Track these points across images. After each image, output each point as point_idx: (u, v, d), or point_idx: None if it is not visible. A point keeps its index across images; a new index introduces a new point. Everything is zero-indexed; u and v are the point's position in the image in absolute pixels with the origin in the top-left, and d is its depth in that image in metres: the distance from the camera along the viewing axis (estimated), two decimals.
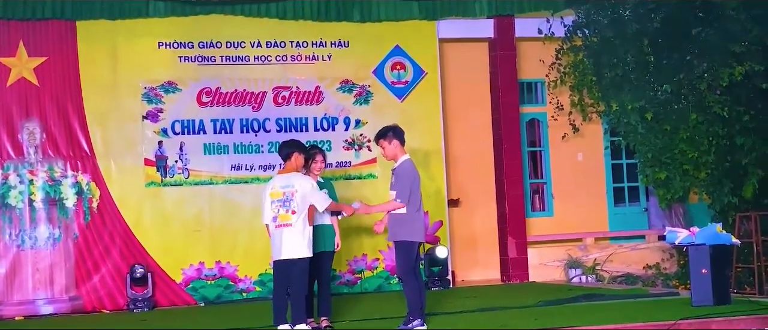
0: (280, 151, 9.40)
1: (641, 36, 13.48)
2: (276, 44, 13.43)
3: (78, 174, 12.60)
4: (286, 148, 9.33)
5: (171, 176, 12.95)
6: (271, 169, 13.17)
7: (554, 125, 14.75)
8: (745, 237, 12.50)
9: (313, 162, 9.51)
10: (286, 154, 9.28)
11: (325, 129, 13.49)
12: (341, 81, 13.59)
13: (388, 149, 9.15)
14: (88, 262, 12.54)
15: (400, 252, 9.07)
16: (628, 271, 14.31)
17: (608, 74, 13.79)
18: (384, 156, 9.31)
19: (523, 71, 14.72)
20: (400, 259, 9.09)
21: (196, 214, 12.98)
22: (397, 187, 9.01)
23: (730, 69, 12.96)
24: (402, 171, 9.07)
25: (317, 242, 9.34)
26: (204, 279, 12.88)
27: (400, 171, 9.08)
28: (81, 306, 12.42)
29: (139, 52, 12.95)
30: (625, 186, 15.43)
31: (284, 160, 9.30)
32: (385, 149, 9.18)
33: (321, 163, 9.58)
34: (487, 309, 10.59)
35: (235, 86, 13.25)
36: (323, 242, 9.49)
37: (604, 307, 10.55)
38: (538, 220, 14.95)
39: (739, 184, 13.42)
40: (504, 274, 14.27)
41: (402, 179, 9.02)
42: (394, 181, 9.05)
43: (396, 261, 9.19)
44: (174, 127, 13.01)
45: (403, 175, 9.04)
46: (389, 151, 9.15)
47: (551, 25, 14.25)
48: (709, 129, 13.33)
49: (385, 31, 13.77)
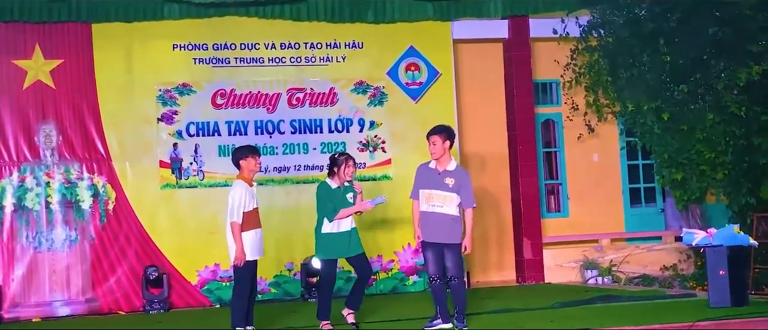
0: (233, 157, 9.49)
1: (657, 35, 13.41)
2: (290, 46, 13.44)
3: (94, 176, 12.64)
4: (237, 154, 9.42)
5: (186, 178, 12.98)
6: (285, 171, 13.20)
7: (569, 126, 14.70)
8: (763, 237, 12.41)
9: (346, 167, 9.55)
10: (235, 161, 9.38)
11: (339, 130, 13.49)
12: (355, 82, 13.59)
13: (440, 147, 9.17)
14: (104, 263, 12.57)
15: (458, 253, 9.17)
16: (645, 272, 14.25)
17: (624, 74, 13.73)
18: (432, 152, 9.23)
19: (538, 72, 14.67)
20: (458, 258, 9.17)
21: (211, 216, 12.95)
22: (467, 192, 9.14)
23: (747, 69, 12.88)
24: (465, 175, 9.24)
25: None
26: (219, 281, 12.89)
27: (464, 175, 9.22)
28: (97, 308, 12.46)
29: (153, 55, 12.98)
30: (641, 187, 15.37)
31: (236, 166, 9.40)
32: (436, 145, 9.17)
33: (353, 168, 9.62)
34: (503, 310, 10.57)
35: (250, 88, 13.26)
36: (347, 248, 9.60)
37: (620, 308, 10.52)
38: (554, 221, 14.91)
39: (756, 185, 13.33)
40: (519, 275, 14.24)
41: (469, 183, 9.20)
42: (457, 184, 9.11)
43: (452, 261, 9.14)
44: (189, 129, 13.03)
45: (468, 179, 9.23)
46: (440, 149, 9.17)
47: (566, 25, 14.20)
48: (726, 129, 13.26)
49: (399, 32, 13.75)
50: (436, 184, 9.13)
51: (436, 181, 9.14)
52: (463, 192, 9.14)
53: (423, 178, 9.26)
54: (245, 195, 9.12)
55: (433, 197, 9.14)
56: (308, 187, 13.21)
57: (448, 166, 9.19)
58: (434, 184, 9.14)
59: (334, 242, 9.51)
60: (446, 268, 9.16)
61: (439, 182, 9.13)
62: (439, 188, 9.11)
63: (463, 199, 9.14)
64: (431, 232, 9.14)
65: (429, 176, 9.21)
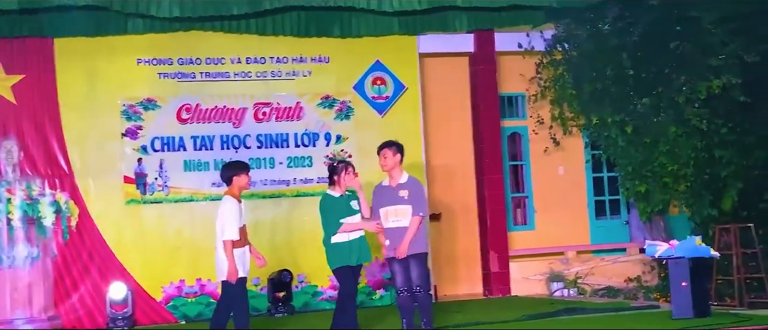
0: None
1: (620, 50, 13.52)
2: (256, 60, 13.40)
3: (56, 192, 12.51)
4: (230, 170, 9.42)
5: (151, 194, 12.88)
6: (251, 185, 13.05)
7: (535, 139, 14.77)
8: (724, 249, 12.53)
9: (345, 174, 9.55)
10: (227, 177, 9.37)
11: (305, 145, 13.47)
12: (322, 97, 13.57)
13: (390, 160, 9.36)
14: (67, 281, 12.44)
15: (422, 264, 9.31)
16: (610, 284, 14.31)
17: (588, 88, 13.83)
18: (382, 164, 9.41)
19: (504, 85, 14.74)
20: (424, 270, 9.32)
21: (177, 232, 12.91)
22: (419, 201, 9.29)
23: (707, 82, 13.01)
24: (417, 184, 9.42)
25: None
26: (185, 297, 12.80)
27: (416, 184, 9.40)
28: (59, 325, 12.32)
29: (117, 70, 12.88)
30: (606, 199, 15.46)
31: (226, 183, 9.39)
32: (387, 159, 9.37)
33: (352, 174, 9.62)
34: (470, 324, 10.57)
35: (215, 103, 13.21)
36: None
37: (586, 320, 10.56)
38: (520, 234, 14.95)
39: (718, 197, 13.46)
40: (486, 288, 14.26)
41: (421, 192, 9.39)
42: (412, 195, 9.26)
43: (418, 273, 9.25)
44: (154, 144, 12.95)
45: (420, 188, 9.41)
46: (391, 162, 9.35)
47: (531, 40, 14.29)
48: (688, 142, 13.37)
49: (365, 47, 13.76)
50: (393, 200, 9.31)
51: (392, 197, 9.33)
52: (414, 200, 9.27)
53: (380, 198, 9.45)
54: (237, 211, 9.11)
55: (392, 213, 9.32)
56: (274, 202, 13.21)
57: (400, 179, 9.39)
58: (391, 200, 9.32)
59: (344, 250, 9.47)
60: (412, 280, 9.22)
61: (395, 197, 9.31)
62: (397, 203, 9.29)
63: (413, 206, 9.26)
64: (410, 246, 9.24)
65: (385, 194, 9.40)
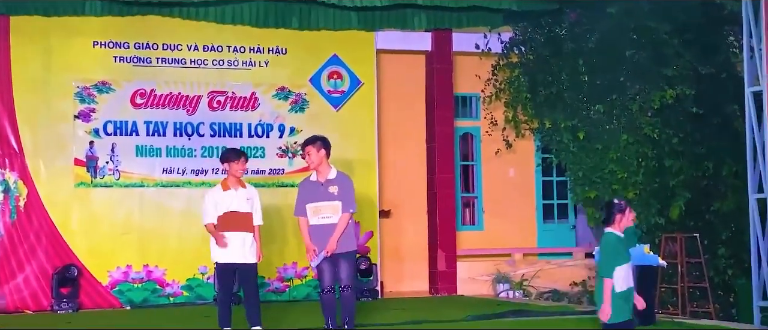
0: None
1: (576, 56, 13.66)
2: (213, 48, 13.34)
3: (5, 172, 12.37)
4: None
5: (101, 177, 12.78)
6: (203, 173, 13.07)
7: (488, 140, 14.87)
8: (670, 258, 12.71)
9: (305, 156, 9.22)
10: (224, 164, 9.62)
11: (259, 135, 13.44)
12: (277, 88, 13.55)
13: (315, 157, 8.96)
14: (13, 261, 12.30)
15: (352, 261, 9.08)
16: (555, 287, 14.45)
17: (543, 92, 13.95)
18: (308, 162, 9.09)
19: (459, 85, 14.81)
20: (352, 268, 9.06)
21: (126, 217, 12.82)
22: (349, 197, 8.92)
23: (661, 92, 13.18)
24: (347, 180, 9.03)
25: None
26: (131, 282, 12.72)
27: (345, 180, 9.02)
28: (4, 306, 12.18)
29: (73, 51, 12.76)
30: (554, 203, 15.62)
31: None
32: (311, 156, 8.97)
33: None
34: (415, 322, 10.62)
35: (170, 89, 13.12)
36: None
37: (530, 323, 10.66)
38: (468, 234, 15.05)
39: (666, 206, 13.62)
40: (432, 286, 14.34)
41: (351, 188, 8.98)
42: (341, 191, 8.92)
43: (347, 271, 8.94)
44: (106, 127, 12.84)
45: (350, 184, 9.01)
46: (316, 159, 8.96)
47: (488, 41, 14.38)
48: (638, 150, 13.52)
49: (323, 40, 13.76)
50: (321, 196, 8.93)
51: (320, 193, 8.94)
52: (344, 196, 8.94)
53: (306, 192, 9.06)
54: (215, 198, 9.39)
55: (321, 209, 8.93)
56: None
57: (329, 174, 9.00)
58: (319, 196, 8.94)
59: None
60: (340, 278, 8.96)
61: (324, 193, 8.93)
62: (325, 199, 8.91)
63: (343, 202, 8.91)
64: (325, 245, 8.88)
65: (312, 189, 9.02)
